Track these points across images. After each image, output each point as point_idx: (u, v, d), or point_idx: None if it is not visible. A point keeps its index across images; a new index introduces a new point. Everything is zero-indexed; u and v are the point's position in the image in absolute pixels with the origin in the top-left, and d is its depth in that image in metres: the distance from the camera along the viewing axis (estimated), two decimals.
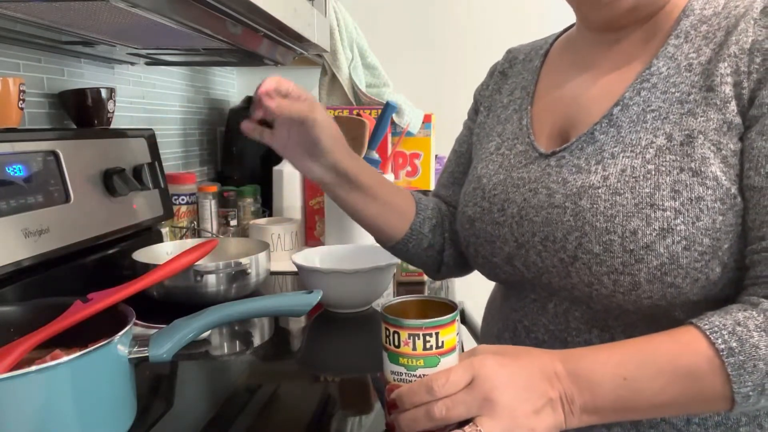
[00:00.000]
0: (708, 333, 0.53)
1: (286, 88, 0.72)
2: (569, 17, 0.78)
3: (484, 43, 1.88)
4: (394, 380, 0.55)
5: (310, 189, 1.46)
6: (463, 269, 0.90)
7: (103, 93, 1.09)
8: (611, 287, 0.60)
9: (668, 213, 0.57)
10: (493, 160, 0.75)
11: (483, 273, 0.77)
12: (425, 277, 1.23)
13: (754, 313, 0.54)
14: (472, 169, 0.79)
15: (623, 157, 0.61)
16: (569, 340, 0.66)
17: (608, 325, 0.64)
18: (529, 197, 0.68)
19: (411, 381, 0.54)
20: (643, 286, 0.59)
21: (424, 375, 0.53)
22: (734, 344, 0.52)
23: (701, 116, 0.59)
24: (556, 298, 0.67)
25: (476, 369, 0.52)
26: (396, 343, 0.54)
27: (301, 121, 0.72)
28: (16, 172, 0.85)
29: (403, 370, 0.54)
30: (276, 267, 1.24)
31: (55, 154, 0.93)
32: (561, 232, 0.63)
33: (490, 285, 0.84)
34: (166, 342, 0.61)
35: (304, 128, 0.74)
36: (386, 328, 0.55)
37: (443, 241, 0.86)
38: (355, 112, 1.40)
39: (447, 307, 0.57)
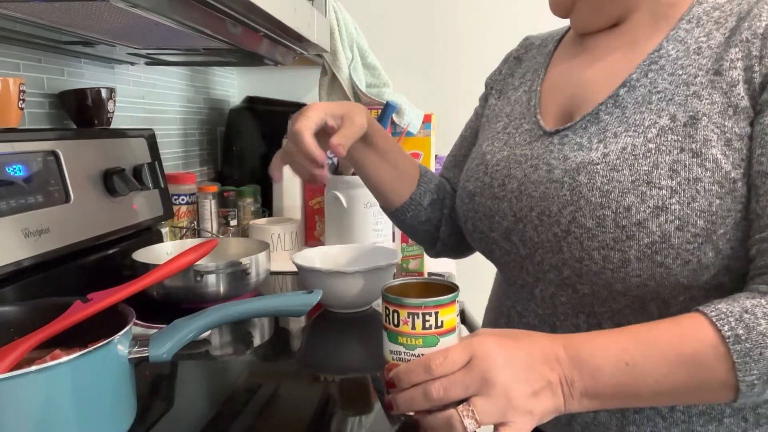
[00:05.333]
0: (714, 319, 0.52)
1: (323, 122, 0.72)
2: None
3: (484, 44, 1.88)
4: (393, 359, 0.55)
5: (310, 189, 1.46)
6: (458, 249, 0.91)
7: (103, 93, 1.09)
8: (601, 263, 0.60)
9: (664, 191, 0.57)
10: (499, 138, 0.76)
11: (479, 249, 0.78)
12: (425, 277, 1.23)
13: (762, 301, 0.53)
14: (477, 147, 0.80)
15: (625, 136, 0.61)
16: (558, 325, 0.67)
17: (594, 311, 0.64)
18: (529, 173, 0.68)
19: (409, 360, 0.54)
20: (633, 264, 0.59)
21: (422, 354, 0.53)
22: (741, 331, 0.51)
23: (706, 99, 0.59)
24: (542, 282, 0.68)
25: (475, 348, 0.52)
26: (395, 322, 0.54)
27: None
28: (16, 172, 0.85)
29: (401, 349, 0.54)
30: (276, 267, 1.24)
31: (55, 154, 0.93)
32: (556, 206, 0.63)
33: (489, 284, 0.84)
34: (166, 342, 0.61)
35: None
36: (386, 307, 0.55)
37: (441, 217, 0.87)
38: None
39: (447, 288, 0.57)
